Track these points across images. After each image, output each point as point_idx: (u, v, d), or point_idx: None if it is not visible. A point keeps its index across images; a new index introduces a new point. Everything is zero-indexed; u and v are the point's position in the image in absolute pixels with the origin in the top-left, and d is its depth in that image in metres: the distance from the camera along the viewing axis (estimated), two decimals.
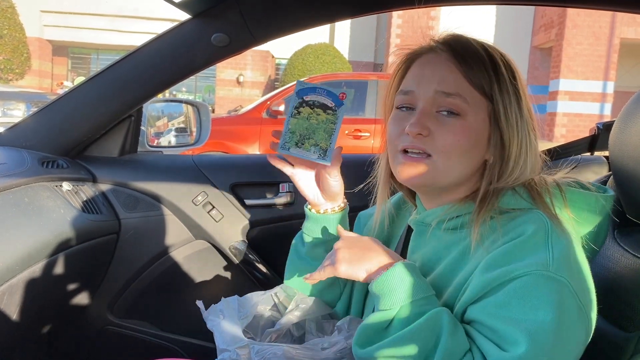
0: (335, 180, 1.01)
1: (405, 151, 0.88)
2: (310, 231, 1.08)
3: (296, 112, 0.99)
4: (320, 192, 1.05)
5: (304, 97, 0.99)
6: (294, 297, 1.08)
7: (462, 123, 0.85)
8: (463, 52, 0.87)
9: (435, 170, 0.86)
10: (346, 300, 1.11)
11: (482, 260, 0.80)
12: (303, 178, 1.04)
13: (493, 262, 0.78)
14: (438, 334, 0.76)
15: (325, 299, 1.10)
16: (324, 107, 0.98)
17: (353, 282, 1.10)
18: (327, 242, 1.07)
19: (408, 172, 0.88)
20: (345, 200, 1.08)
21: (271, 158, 1.04)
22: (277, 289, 1.10)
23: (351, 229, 1.12)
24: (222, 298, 1.06)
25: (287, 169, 1.04)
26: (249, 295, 1.08)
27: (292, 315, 1.03)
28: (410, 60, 0.94)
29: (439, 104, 0.86)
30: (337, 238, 0.98)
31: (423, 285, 0.82)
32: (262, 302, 1.07)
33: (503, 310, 0.74)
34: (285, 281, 1.13)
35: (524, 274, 0.75)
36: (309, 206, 1.08)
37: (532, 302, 0.73)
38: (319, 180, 1.03)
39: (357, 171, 1.01)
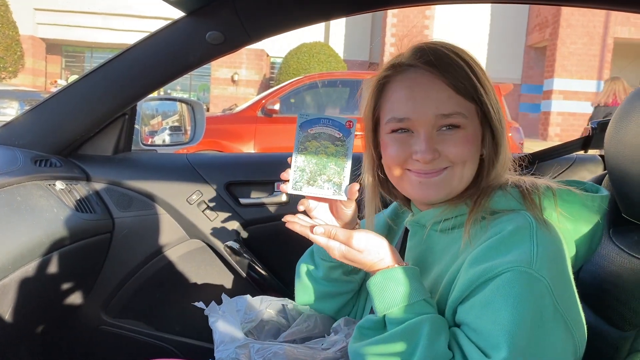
0: (351, 210, 0.99)
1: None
2: (325, 256, 1.06)
3: (302, 147, 0.93)
4: (336, 220, 1.02)
5: (309, 130, 0.93)
6: (304, 310, 1.09)
7: (464, 133, 0.87)
8: (444, 65, 0.87)
9: (452, 180, 0.88)
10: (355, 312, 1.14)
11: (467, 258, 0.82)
12: (317, 209, 1.01)
13: (477, 258, 0.80)
14: (415, 343, 0.77)
15: (338, 318, 1.10)
16: (332, 139, 0.93)
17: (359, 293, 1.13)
18: (344, 266, 1.06)
19: (424, 190, 0.90)
20: (359, 221, 1.06)
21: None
22: (287, 300, 1.11)
23: None
24: (224, 296, 1.06)
25: (300, 207, 1.00)
26: (257, 298, 1.08)
27: (298, 330, 1.04)
28: (386, 78, 0.93)
29: (439, 124, 0.87)
30: None
31: (412, 291, 0.82)
32: (270, 307, 1.08)
33: (487, 309, 0.75)
34: (298, 302, 1.13)
35: (506, 269, 0.76)
36: None
37: (513, 300, 0.74)
38: (334, 211, 1.01)
39: (356, 171, 0.99)
